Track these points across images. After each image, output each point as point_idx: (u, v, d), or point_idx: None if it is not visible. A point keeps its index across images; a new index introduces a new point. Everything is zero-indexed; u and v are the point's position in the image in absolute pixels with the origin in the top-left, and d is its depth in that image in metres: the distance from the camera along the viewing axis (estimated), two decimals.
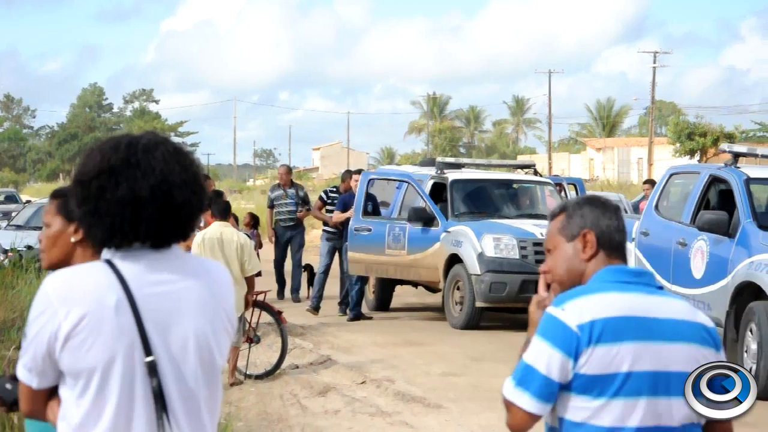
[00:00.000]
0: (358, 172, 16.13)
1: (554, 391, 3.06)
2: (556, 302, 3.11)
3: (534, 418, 3.08)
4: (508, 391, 3.08)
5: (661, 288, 3.24)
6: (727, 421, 3.15)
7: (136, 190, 2.67)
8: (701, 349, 3.16)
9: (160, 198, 2.68)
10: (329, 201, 16.00)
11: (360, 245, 15.26)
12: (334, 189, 16.35)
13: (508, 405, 3.09)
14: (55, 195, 3.47)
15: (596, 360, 3.04)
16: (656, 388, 3.08)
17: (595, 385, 3.05)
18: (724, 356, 3.23)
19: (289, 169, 17.87)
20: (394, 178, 16.53)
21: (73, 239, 3.34)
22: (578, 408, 3.07)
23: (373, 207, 15.68)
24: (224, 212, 10.37)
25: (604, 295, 3.11)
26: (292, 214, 17.02)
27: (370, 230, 15.43)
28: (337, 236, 15.65)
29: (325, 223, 15.87)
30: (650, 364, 3.08)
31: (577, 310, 3.06)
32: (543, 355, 3.04)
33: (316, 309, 15.50)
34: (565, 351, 3.04)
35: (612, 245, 3.24)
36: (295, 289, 16.95)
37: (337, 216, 15.54)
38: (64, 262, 3.32)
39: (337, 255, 15.83)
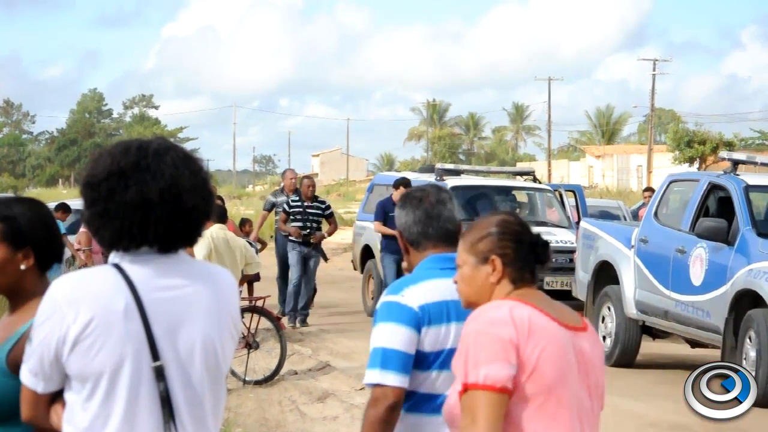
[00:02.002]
0: (406, 184, 14.52)
1: (411, 363, 3.41)
2: (392, 291, 3.48)
3: (401, 393, 3.38)
4: (375, 377, 3.36)
5: None
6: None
7: (145, 193, 2.67)
8: None
9: (169, 201, 2.69)
10: (291, 210, 14.97)
11: None
12: (297, 199, 15.12)
13: (378, 391, 3.36)
14: None
15: (429, 338, 3.45)
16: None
17: (426, 360, 3.44)
18: None
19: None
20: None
21: (23, 266, 3.06)
22: (412, 379, 3.43)
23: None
24: (222, 216, 10.90)
25: (429, 282, 3.52)
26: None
27: None
28: (304, 245, 14.88)
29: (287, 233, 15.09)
30: (453, 342, 3.41)
31: (415, 295, 3.47)
32: (397, 336, 3.39)
33: (304, 321, 15.17)
34: (414, 327, 3.43)
35: (413, 238, 3.66)
36: None
37: (379, 227, 14.70)
38: (9, 289, 3.09)
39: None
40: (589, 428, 3.02)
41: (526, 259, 3.09)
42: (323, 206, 15.26)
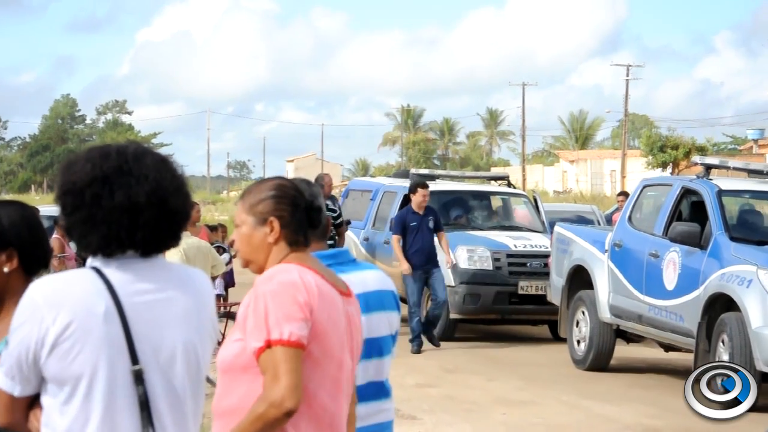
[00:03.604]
0: (424, 185, 13.89)
1: None
2: None
3: None
4: None
5: (353, 261, 3.85)
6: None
7: (132, 196, 2.68)
8: (392, 313, 3.93)
9: (155, 204, 2.70)
10: None
11: None
12: None
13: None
14: None
15: None
16: (371, 352, 3.75)
17: None
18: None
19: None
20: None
21: (6, 269, 3.00)
22: None
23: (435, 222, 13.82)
24: None
25: None
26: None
27: None
28: None
29: None
30: (366, 333, 3.54)
31: None
32: None
33: None
34: None
35: None
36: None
37: (397, 247, 13.49)
38: None
39: None
40: (348, 386, 3.25)
41: (301, 223, 3.30)
42: (335, 214, 13.75)
